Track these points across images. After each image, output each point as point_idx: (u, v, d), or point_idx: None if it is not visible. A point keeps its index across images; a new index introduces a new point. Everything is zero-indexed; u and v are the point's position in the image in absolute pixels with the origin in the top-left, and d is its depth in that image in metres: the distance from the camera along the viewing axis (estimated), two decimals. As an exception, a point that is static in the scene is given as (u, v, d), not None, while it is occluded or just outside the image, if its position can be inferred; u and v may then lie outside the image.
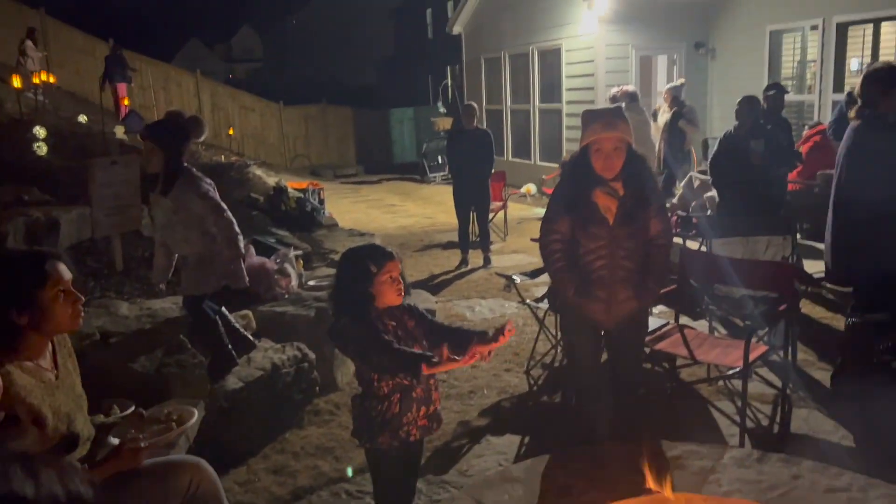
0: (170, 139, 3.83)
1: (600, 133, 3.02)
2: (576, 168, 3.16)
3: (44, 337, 2.21)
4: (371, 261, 2.49)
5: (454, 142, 8.04)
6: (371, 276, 2.47)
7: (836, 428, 3.84)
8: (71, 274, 2.20)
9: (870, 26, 9.09)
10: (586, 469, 2.53)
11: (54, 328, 2.20)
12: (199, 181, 3.83)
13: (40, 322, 2.13)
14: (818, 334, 5.18)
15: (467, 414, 4.32)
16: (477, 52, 14.93)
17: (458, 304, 6.55)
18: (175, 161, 3.82)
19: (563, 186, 3.30)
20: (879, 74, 4.03)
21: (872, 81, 3.99)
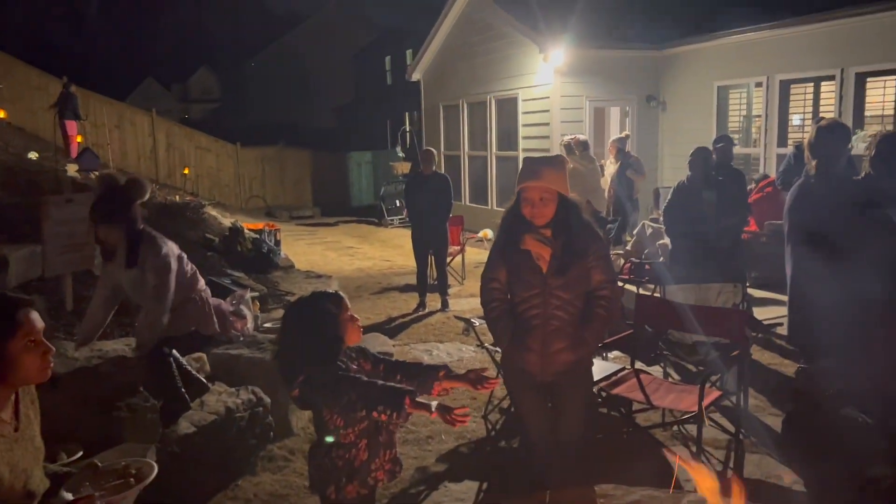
0: (120, 214, 3.72)
1: (525, 181, 3.04)
2: (508, 215, 3.18)
3: (8, 389, 2.10)
4: (329, 303, 2.47)
5: (413, 186, 8.11)
6: (336, 318, 2.46)
7: (788, 473, 3.91)
8: (42, 323, 2.10)
9: (811, 84, 9.56)
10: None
11: (21, 380, 2.09)
12: (160, 247, 3.78)
13: (7, 373, 2.02)
14: (768, 380, 5.30)
15: (425, 460, 4.27)
16: (436, 99, 15.17)
17: (416, 348, 6.52)
18: (133, 231, 3.76)
19: (499, 233, 3.30)
20: (824, 131, 4.24)
21: (825, 137, 4.19)
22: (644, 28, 11.77)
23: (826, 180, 4.18)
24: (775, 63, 9.85)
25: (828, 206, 4.09)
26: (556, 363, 3.07)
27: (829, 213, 4.06)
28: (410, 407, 2.24)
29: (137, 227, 3.78)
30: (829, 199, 4.11)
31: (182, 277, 3.95)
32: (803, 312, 4.30)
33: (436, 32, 14.38)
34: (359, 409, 2.33)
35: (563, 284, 3.02)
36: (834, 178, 4.20)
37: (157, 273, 3.73)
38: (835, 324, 3.91)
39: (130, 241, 3.75)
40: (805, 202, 4.25)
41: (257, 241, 8.39)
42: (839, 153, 4.23)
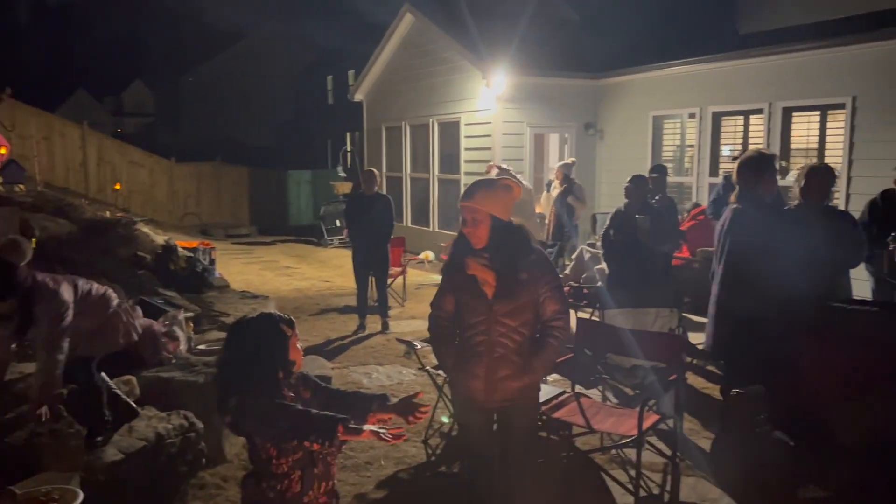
0: (4, 284, 3.48)
1: (460, 201, 3.09)
2: (457, 237, 3.19)
3: None
4: (283, 325, 2.41)
5: (354, 206, 8.05)
6: (288, 342, 2.39)
7: (722, 495, 3.99)
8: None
9: (741, 117, 9.95)
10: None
11: None
12: (53, 296, 3.53)
13: None
14: (701, 404, 5.42)
15: (364, 486, 4.19)
16: (378, 120, 15.16)
17: (355, 371, 6.42)
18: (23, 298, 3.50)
19: (448, 256, 3.30)
20: (752, 162, 4.42)
21: (748, 168, 4.36)
22: (583, 57, 12.07)
23: (754, 207, 4.33)
24: (708, 95, 10.23)
25: (756, 232, 4.23)
26: (501, 390, 3.04)
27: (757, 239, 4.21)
28: (343, 434, 2.20)
29: (25, 287, 3.49)
30: (758, 225, 4.26)
31: (89, 305, 3.76)
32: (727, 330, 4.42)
33: (379, 54, 14.42)
34: (290, 439, 2.28)
35: (509, 312, 2.99)
36: (760, 206, 4.36)
37: (49, 323, 3.48)
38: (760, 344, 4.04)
39: (22, 310, 3.50)
40: (736, 226, 4.39)
41: (191, 259, 8.16)
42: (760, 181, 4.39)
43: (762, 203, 4.31)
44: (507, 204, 3.04)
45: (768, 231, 4.20)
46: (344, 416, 2.26)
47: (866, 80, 8.18)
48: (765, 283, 4.07)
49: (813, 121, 9.07)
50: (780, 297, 3.98)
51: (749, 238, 4.23)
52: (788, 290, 3.97)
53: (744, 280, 4.27)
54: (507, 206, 3.04)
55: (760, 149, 5.09)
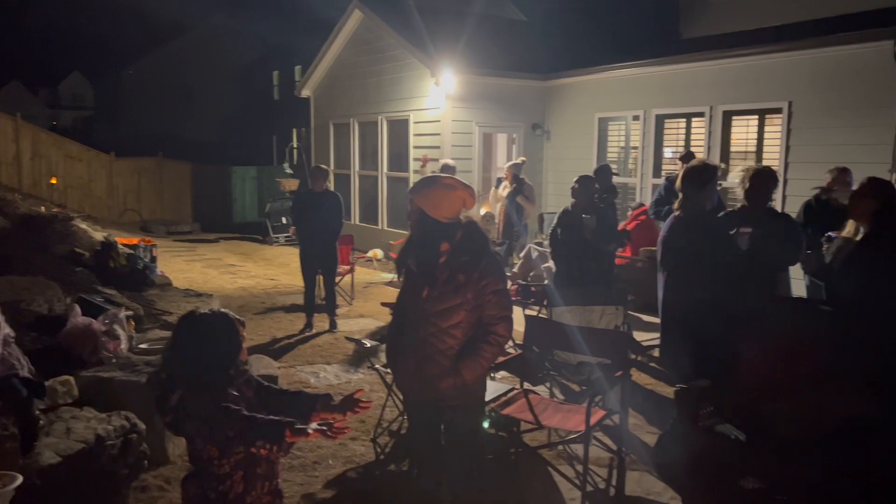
0: None
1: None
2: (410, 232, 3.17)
3: None
4: (236, 323, 2.35)
5: (301, 203, 7.95)
6: (241, 342, 2.33)
7: (666, 489, 4.09)
8: None
9: (683, 120, 10.21)
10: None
11: None
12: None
13: None
14: (645, 400, 5.54)
15: (311, 486, 4.15)
16: (325, 116, 15.01)
17: (302, 370, 6.34)
18: None
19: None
20: (697, 172, 4.53)
21: (692, 178, 4.47)
22: (531, 59, 12.20)
23: (693, 215, 4.46)
24: (651, 98, 10.46)
25: (695, 239, 4.36)
26: (432, 389, 2.99)
27: (697, 245, 4.33)
28: (291, 437, 2.17)
29: None
30: (697, 233, 4.39)
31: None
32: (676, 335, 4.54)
33: (327, 50, 14.26)
34: (236, 446, 2.24)
35: (439, 312, 2.93)
36: (701, 213, 4.48)
37: None
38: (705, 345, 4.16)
39: None
40: (676, 235, 4.51)
41: (132, 256, 7.93)
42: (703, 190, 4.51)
43: (703, 211, 4.44)
44: (446, 202, 2.94)
45: (710, 237, 4.32)
46: (290, 420, 2.23)
47: (802, 86, 8.48)
48: (707, 287, 4.19)
49: (752, 124, 9.36)
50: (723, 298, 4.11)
51: (690, 245, 4.35)
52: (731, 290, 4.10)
53: (687, 285, 4.39)
54: (447, 205, 2.95)
55: (704, 159, 5.26)
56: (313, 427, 2.20)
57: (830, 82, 8.19)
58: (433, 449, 3.20)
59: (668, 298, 4.61)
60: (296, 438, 2.18)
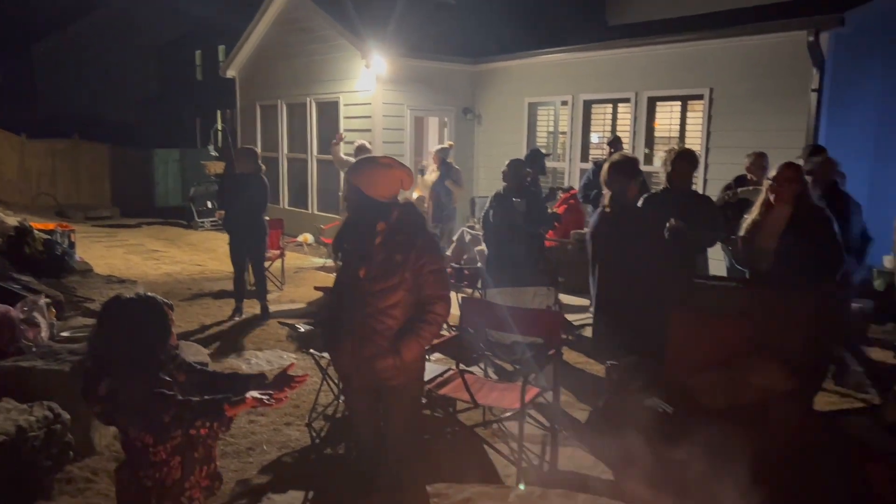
0: None
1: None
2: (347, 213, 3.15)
3: None
4: (166, 308, 2.29)
5: (228, 186, 7.75)
6: (170, 327, 2.27)
7: (597, 463, 4.21)
8: None
9: (610, 105, 10.44)
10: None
11: None
12: None
13: None
14: (576, 378, 5.68)
15: (246, 472, 4.09)
16: (252, 97, 14.64)
17: (233, 357, 6.22)
18: None
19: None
20: (622, 167, 4.64)
21: (617, 173, 4.59)
22: (462, 43, 12.21)
23: (619, 209, 4.59)
24: (579, 84, 10.65)
25: (622, 232, 4.50)
26: (371, 370, 2.98)
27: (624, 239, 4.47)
28: (230, 410, 2.16)
29: None
30: (623, 226, 4.52)
31: None
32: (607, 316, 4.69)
33: (253, 28, 13.87)
34: (173, 431, 2.21)
35: (377, 292, 2.92)
36: (627, 205, 4.62)
37: None
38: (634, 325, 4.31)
39: None
40: (603, 228, 4.63)
41: (49, 242, 7.58)
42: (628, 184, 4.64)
43: (625, 204, 4.57)
44: (383, 182, 2.93)
45: (636, 229, 4.46)
46: (226, 396, 2.21)
47: (722, 73, 8.80)
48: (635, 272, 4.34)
49: (675, 110, 9.66)
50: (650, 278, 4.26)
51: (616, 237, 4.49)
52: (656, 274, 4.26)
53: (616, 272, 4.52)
54: (384, 185, 2.94)
55: (625, 152, 5.43)
56: (252, 394, 2.19)
57: (749, 70, 8.52)
58: (372, 431, 3.20)
59: (599, 283, 4.74)
60: (235, 410, 2.18)
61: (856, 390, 5.43)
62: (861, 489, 3.72)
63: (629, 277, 4.43)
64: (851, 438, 3.92)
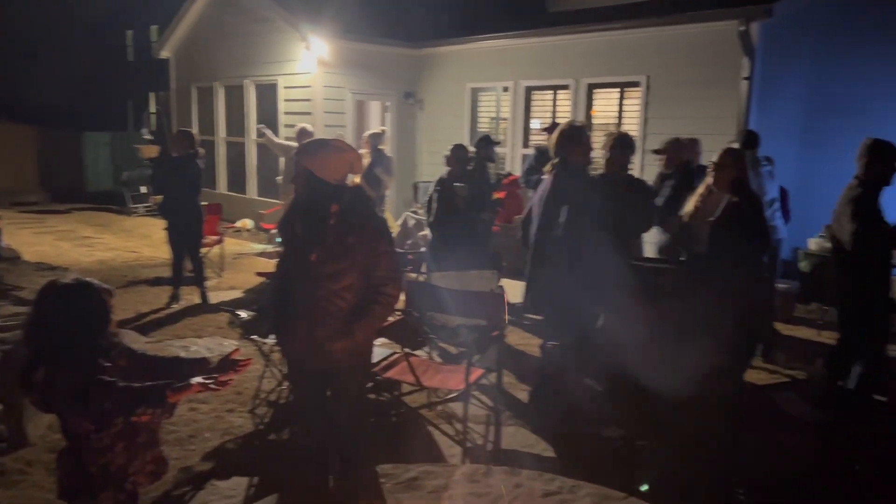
0: None
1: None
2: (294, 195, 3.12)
3: None
4: (105, 294, 2.24)
5: (163, 170, 7.55)
6: (111, 313, 2.22)
7: (539, 441, 4.31)
8: None
9: (550, 92, 10.56)
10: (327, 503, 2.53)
11: None
12: None
13: None
14: (518, 359, 5.78)
15: (188, 459, 4.03)
16: (187, 79, 14.24)
17: (172, 345, 6.10)
18: None
19: (284, 212, 3.20)
20: (567, 132, 4.74)
21: (563, 138, 4.67)
22: (404, 27, 12.13)
23: (566, 176, 4.66)
24: (521, 70, 10.73)
25: (567, 200, 4.57)
26: (323, 352, 2.97)
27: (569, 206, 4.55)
28: (173, 396, 2.14)
29: None
30: (569, 194, 4.59)
31: None
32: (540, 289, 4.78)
33: (188, 8, 13.46)
34: (115, 418, 2.17)
35: (330, 274, 2.91)
36: (573, 173, 4.69)
37: None
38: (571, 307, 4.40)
39: None
40: (548, 195, 4.69)
41: (-27, 228, 7.25)
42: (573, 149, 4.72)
43: (574, 172, 4.64)
44: (335, 165, 2.92)
45: (578, 198, 4.53)
46: (168, 381, 2.18)
47: (659, 61, 9.01)
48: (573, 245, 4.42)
49: (613, 97, 9.84)
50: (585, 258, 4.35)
51: (558, 205, 4.55)
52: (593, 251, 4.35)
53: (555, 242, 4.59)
54: (336, 167, 2.92)
55: (573, 120, 5.49)
56: (196, 380, 2.16)
57: (684, 58, 8.74)
58: (320, 416, 3.19)
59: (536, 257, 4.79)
60: (178, 396, 2.15)
61: (783, 367, 5.69)
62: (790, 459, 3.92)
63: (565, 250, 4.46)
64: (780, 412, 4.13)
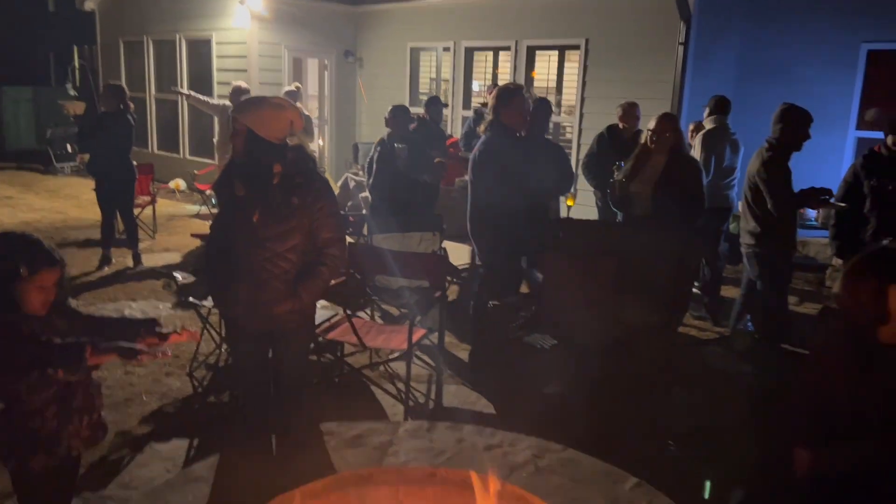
0: None
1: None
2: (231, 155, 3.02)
3: None
4: (24, 262, 2.13)
5: (90, 127, 7.23)
6: (16, 279, 2.12)
7: (479, 398, 4.40)
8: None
9: (491, 53, 10.53)
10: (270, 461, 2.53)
11: None
12: None
13: None
14: (459, 321, 5.83)
15: (126, 423, 3.97)
16: (115, 33, 13.59)
17: (104, 308, 5.93)
18: None
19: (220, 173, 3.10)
20: (501, 92, 4.75)
21: (497, 98, 4.68)
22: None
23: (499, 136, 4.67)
24: (461, 30, 10.64)
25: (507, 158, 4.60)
26: (266, 315, 2.93)
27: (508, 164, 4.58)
28: (93, 357, 2.07)
29: None
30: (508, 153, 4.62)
31: None
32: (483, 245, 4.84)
33: (113, -43, 12.83)
34: (29, 373, 2.10)
35: (274, 236, 2.85)
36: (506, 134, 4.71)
37: None
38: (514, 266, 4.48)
39: None
40: (488, 154, 4.71)
41: None
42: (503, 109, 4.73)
43: (507, 132, 4.65)
44: (276, 122, 2.84)
45: (507, 159, 4.57)
46: (90, 340, 2.10)
47: (598, 25, 9.06)
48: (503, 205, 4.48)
49: (553, 60, 9.88)
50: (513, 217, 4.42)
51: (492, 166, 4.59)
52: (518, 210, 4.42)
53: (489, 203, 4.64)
54: (277, 125, 2.85)
55: (511, 82, 5.50)
56: (116, 346, 2.10)
57: (623, 22, 8.81)
58: (262, 377, 3.17)
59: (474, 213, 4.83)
60: (99, 359, 2.09)
61: (713, 325, 5.94)
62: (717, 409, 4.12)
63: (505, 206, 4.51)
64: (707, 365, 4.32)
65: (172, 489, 2.32)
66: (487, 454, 2.58)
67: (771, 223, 4.60)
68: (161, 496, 2.27)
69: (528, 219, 4.51)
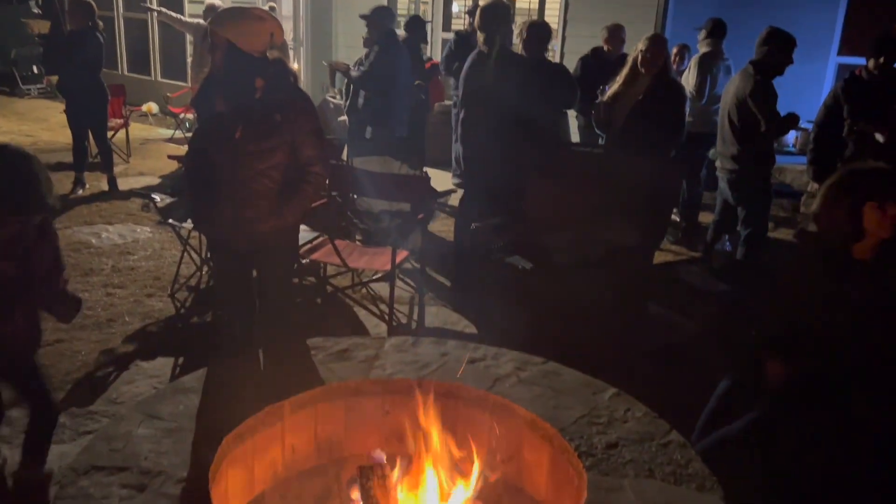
0: None
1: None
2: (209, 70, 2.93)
3: None
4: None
5: (57, 47, 6.97)
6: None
7: (461, 319, 4.48)
8: None
9: (472, -27, 10.22)
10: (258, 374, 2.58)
11: None
12: None
13: None
14: (439, 244, 5.87)
15: (109, 342, 3.99)
16: (77, -54, 12.95)
17: (81, 231, 5.86)
18: None
19: (198, 90, 3.02)
20: (492, 9, 4.63)
21: (490, 17, 4.57)
22: None
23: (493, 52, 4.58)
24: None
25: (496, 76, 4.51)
26: (249, 233, 2.90)
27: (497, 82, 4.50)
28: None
29: None
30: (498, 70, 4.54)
31: None
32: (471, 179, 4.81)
33: None
34: None
35: (256, 153, 2.79)
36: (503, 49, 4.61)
37: None
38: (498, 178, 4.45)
39: None
40: (477, 71, 4.62)
41: None
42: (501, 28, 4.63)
43: (500, 47, 4.56)
44: (257, 34, 2.74)
45: (503, 76, 4.49)
46: None
47: (582, -55, 8.80)
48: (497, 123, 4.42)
49: (536, -18, 9.63)
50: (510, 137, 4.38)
51: (484, 82, 4.50)
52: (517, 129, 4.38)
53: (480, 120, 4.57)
54: (258, 37, 2.75)
55: None
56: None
57: (607, -57, 8.57)
58: (245, 295, 3.18)
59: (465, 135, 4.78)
60: None
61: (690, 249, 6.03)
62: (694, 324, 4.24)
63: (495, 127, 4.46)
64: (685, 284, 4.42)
65: (162, 400, 2.35)
66: (471, 367, 2.64)
67: (757, 146, 4.64)
68: (151, 407, 2.30)
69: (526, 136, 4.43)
